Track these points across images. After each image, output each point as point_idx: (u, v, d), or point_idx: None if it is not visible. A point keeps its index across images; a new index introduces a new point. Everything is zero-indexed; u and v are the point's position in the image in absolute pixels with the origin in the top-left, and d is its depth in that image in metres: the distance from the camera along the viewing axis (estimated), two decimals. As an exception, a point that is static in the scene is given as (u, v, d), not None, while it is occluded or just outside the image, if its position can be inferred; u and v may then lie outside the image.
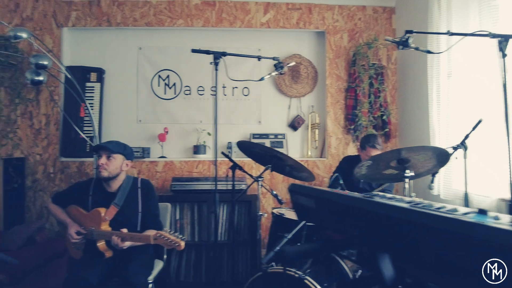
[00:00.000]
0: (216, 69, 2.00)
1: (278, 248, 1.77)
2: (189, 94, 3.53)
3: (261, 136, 3.47)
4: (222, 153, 2.48)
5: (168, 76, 3.51)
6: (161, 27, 3.42)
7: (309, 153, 3.50)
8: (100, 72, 3.42)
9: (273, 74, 2.21)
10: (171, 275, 2.97)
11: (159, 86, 3.51)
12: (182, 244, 1.89)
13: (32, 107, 3.35)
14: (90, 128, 3.31)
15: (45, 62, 2.51)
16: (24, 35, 2.45)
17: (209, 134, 3.46)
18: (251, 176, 2.49)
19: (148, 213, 2.21)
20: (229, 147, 3.45)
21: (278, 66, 2.18)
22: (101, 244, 2.07)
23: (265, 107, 3.57)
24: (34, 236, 2.91)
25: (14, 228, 2.94)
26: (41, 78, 2.58)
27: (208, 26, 3.43)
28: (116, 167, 2.15)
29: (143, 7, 3.40)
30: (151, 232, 1.99)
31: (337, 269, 2.10)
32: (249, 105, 3.55)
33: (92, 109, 3.23)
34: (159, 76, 3.51)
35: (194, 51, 1.98)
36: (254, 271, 3.01)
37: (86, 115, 3.32)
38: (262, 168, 2.38)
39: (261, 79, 2.20)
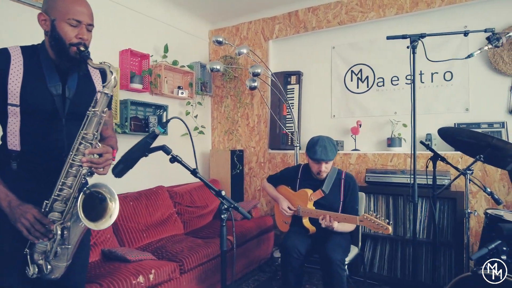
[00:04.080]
0: (414, 53, 1.91)
1: (492, 246, 1.56)
2: (382, 85, 3.46)
3: (469, 125, 2.99)
4: (421, 142, 2.33)
5: (360, 70, 3.57)
6: (352, 23, 3.52)
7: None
8: (298, 75, 3.85)
9: (486, 48, 1.89)
10: (365, 265, 3.02)
11: (351, 81, 3.62)
12: (390, 228, 2.07)
13: (248, 110, 4.14)
14: (291, 125, 3.79)
15: (258, 70, 3.08)
16: (244, 50, 3.09)
17: (404, 125, 3.29)
18: (456, 168, 2.22)
19: (349, 204, 2.39)
20: (429, 139, 3.16)
21: (493, 38, 1.86)
22: (305, 221, 2.38)
23: (474, 92, 3.07)
24: (250, 212, 3.59)
25: (238, 203, 3.73)
26: (255, 84, 3.19)
27: (402, 13, 3.26)
28: (331, 166, 2.45)
29: (335, 8, 3.59)
30: None
31: None
32: (452, 91, 3.14)
33: (292, 108, 3.68)
34: (352, 71, 3.62)
35: (389, 37, 1.96)
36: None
37: (287, 113, 3.82)
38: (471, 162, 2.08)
39: (470, 55, 1.91)
